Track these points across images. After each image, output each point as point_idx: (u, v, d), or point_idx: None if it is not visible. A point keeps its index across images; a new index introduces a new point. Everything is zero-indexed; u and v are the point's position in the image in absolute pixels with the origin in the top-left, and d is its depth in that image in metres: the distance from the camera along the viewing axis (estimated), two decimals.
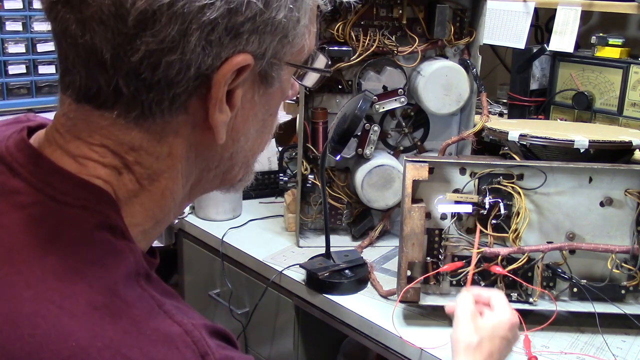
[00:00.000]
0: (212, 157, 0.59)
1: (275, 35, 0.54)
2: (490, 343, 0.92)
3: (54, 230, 0.50)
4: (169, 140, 0.55)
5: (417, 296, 1.13)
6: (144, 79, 0.50)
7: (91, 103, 0.53)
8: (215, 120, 0.54)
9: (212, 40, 0.50)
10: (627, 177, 1.13)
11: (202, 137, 0.56)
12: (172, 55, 0.50)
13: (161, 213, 0.58)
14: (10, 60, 1.98)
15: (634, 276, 1.13)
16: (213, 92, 0.53)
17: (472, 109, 1.48)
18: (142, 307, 0.50)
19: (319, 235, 1.51)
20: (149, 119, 0.53)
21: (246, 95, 0.56)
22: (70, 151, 0.54)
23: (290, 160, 1.76)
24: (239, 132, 0.59)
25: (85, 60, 0.51)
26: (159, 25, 0.48)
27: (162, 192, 0.57)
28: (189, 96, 0.53)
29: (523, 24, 1.75)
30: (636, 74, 1.52)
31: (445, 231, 1.16)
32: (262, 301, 1.42)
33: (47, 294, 0.47)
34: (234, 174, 0.63)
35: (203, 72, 0.51)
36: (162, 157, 0.55)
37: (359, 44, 1.39)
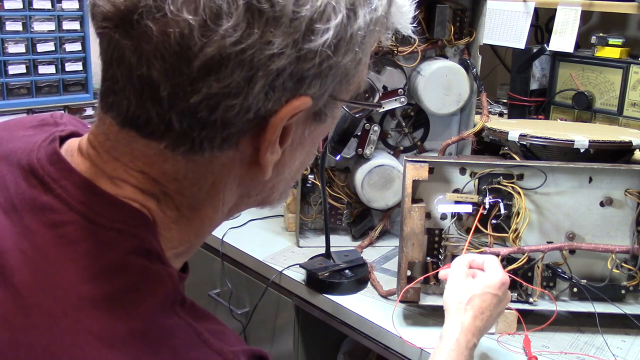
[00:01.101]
0: (255, 187, 0.58)
1: (337, 77, 0.52)
2: (481, 300, 0.94)
3: (89, 254, 0.48)
4: (214, 171, 0.53)
5: (417, 296, 1.13)
6: (200, 118, 0.48)
7: (138, 130, 0.50)
8: (265, 160, 0.52)
9: (275, 86, 0.49)
10: (627, 177, 1.13)
11: (249, 171, 0.54)
12: (234, 100, 0.48)
13: (197, 238, 0.57)
14: (10, 60, 1.98)
15: (634, 276, 1.13)
16: (268, 134, 0.51)
17: (472, 109, 1.48)
18: (181, 336, 0.49)
19: (319, 235, 1.50)
20: (197, 153, 0.51)
21: (297, 132, 0.55)
22: (107, 171, 0.52)
23: None
24: (285, 166, 0.57)
25: (138, 91, 0.48)
26: (225, 72, 0.46)
27: (202, 219, 0.55)
28: (242, 135, 0.51)
29: (523, 24, 1.75)
30: (636, 74, 1.52)
31: (445, 231, 1.16)
32: (262, 301, 1.42)
33: (85, 322, 0.46)
34: (273, 198, 0.62)
35: (261, 115, 0.50)
36: (205, 188, 0.53)
37: None
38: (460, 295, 0.95)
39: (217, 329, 0.52)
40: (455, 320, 0.93)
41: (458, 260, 1.01)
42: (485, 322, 0.94)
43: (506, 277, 0.98)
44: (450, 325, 0.93)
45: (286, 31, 0.46)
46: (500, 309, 0.98)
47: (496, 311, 0.96)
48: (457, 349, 0.90)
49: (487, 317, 0.94)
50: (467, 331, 0.92)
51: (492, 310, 0.95)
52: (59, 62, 2.06)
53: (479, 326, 0.93)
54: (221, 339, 0.51)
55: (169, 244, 0.54)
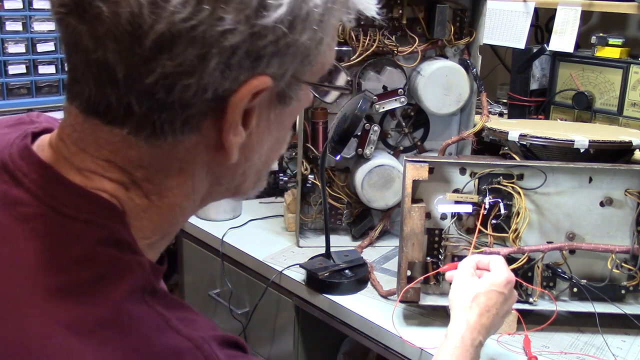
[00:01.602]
0: (224, 174, 0.58)
1: (297, 57, 0.52)
2: (486, 297, 0.94)
3: (58, 246, 0.49)
4: (179, 157, 0.53)
5: (417, 296, 1.13)
6: (158, 99, 0.49)
7: (100, 117, 0.51)
8: (229, 142, 0.52)
9: (231, 64, 0.48)
10: (627, 177, 1.13)
11: (214, 156, 0.54)
12: (189, 79, 0.48)
13: (169, 227, 0.57)
14: (10, 60, 1.98)
15: (634, 276, 1.13)
16: (229, 115, 0.51)
17: (472, 109, 1.48)
18: (149, 323, 0.49)
19: (319, 235, 1.50)
20: (160, 138, 0.51)
21: (261, 115, 0.54)
22: (75, 163, 0.52)
23: (290, 160, 1.76)
24: (253, 151, 0.57)
25: (96, 76, 0.49)
26: (178, 49, 0.46)
27: (172, 207, 0.55)
28: (202, 117, 0.51)
29: (523, 24, 1.75)
30: (636, 74, 1.52)
31: (445, 231, 1.16)
32: (262, 301, 1.42)
33: (53, 312, 0.46)
34: (246, 187, 0.62)
35: (220, 95, 0.50)
36: (172, 174, 0.54)
37: (359, 44, 1.39)
38: (465, 294, 0.95)
39: (188, 317, 0.53)
40: (460, 318, 0.93)
41: (464, 261, 1.01)
42: (491, 320, 0.94)
43: (512, 275, 0.98)
44: (455, 322, 0.93)
45: (237, 7, 0.47)
46: (507, 307, 0.97)
47: (503, 309, 0.96)
48: (462, 347, 0.90)
49: (493, 315, 0.94)
50: (473, 329, 0.91)
51: (499, 308, 0.95)
52: (59, 62, 2.06)
53: (485, 324, 0.93)
54: (191, 326, 0.51)
55: (141, 234, 0.54)
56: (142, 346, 0.48)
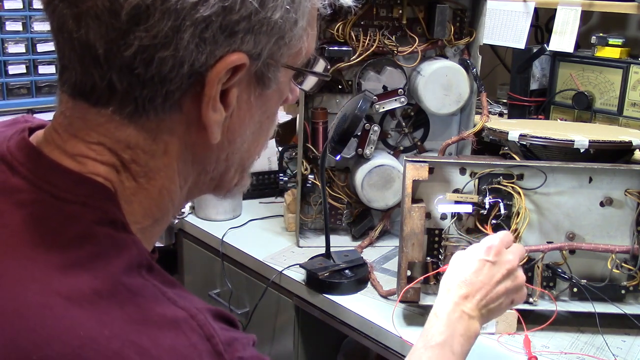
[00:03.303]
0: (209, 158, 0.59)
1: (272, 36, 0.54)
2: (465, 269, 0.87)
3: (56, 227, 0.51)
4: (164, 138, 0.55)
5: (417, 296, 1.13)
6: (138, 74, 0.51)
7: (87, 100, 0.53)
8: (208, 119, 0.54)
9: (206, 38, 0.51)
10: (627, 177, 1.13)
11: (197, 136, 0.56)
12: (165, 51, 0.50)
13: (159, 212, 0.58)
14: (10, 60, 1.98)
15: (634, 276, 1.13)
16: (206, 90, 0.53)
17: (472, 109, 1.48)
18: (147, 294, 0.51)
19: (319, 235, 1.51)
20: (142, 116, 0.53)
21: (242, 96, 0.56)
22: (68, 150, 0.54)
23: (290, 160, 1.76)
24: (235, 133, 0.59)
25: (80, 56, 0.51)
26: (152, 21, 0.49)
27: (160, 191, 0.57)
28: (182, 94, 0.53)
29: (523, 24, 1.75)
30: (636, 74, 1.52)
31: (445, 231, 1.16)
32: (262, 301, 1.42)
33: (53, 286, 0.48)
34: (230, 177, 0.63)
35: (197, 70, 0.52)
36: (157, 156, 0.55)
37: (359, 44, 1.39)
38: (446, 275, 0.90)
39: (183, 293, 0.54)
40: (439, 294, 0.88)
41: None
42: (478, 292, 0.85)
43: (494, 241, 0.89)
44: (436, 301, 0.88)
45: None
46: (499, 276, 0.87)
47: (491, 278, 0.86)
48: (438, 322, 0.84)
49: (477, 286, 0.85)
50: (449, 301, 0.85)
51: (484, 278, 0.86)
52: None
53: (469, 295, 0.85)
54: (186, 299, 0.54)
55: (132, 218, 0.56)
56: (140, 315, 0.49)
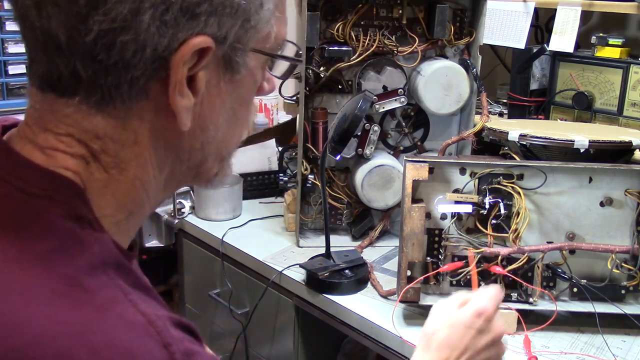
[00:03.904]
0: (182, 146, 0.58)
1: (237, 19, 0.54)
2: (449, 332, 0.82)
3: (21, 222, 0.51)
4: (133, 126, 0.54)
5: (417, 296, 1.13)
6: (101, 60, 0.50)
7: (54, 91, 0.53)
8: (176, 104, 0.53)
9: (167, 21, 0.50)
10: (627, 177, 1.13)
11: (167, 124, 0.55)
12: (126, 35, 0.49)
13: (133, 204, 0.58)
14: (10, 60, 1.98)
15: (634, 276, 1.13)
16: (172, 74, 0.52)
17: (472, 109, 1.48)
18: (106, 295, 0.50)
19: (319, 235, 1.51)
20: (109, 104, 0.53)
21: (211, 81, 0.56)
22: (39, 144, 0.54)
23: (290, 160, 1.76)
24: (207, 120, 0.58)
25: (44, 46, 0.51)
26: (110, 4, 0.48)
27: (132, 182, 0.56)
28: (148, 80, 0.52)
29: (523, 24, 1.75)
30: (636, 74, 1.52)
31: (445, 231, 1.16)
32: (262, 301, 1.42)
33: (8, 281, 0.48)
34: (208, 167, 0.62)
35: (160, 54, 0.51)
36: (128, 145, 0.55)
37: (359, 44, 1.39)
38: (426, 328, 0.84)
39: (148, 298, 0.54)
40: (418, 346, 0.84)
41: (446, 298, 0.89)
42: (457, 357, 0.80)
43: (487, 306, 0.83)
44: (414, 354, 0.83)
45: None
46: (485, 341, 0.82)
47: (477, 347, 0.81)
48: None
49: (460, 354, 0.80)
50: None
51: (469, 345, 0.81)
52: None
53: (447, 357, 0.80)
54: (150, 304, 0.53)
55: (105, 211, 0.55)
56: (95, 316, 0.49)
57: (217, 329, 1.66)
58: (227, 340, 1.60)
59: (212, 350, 1.00)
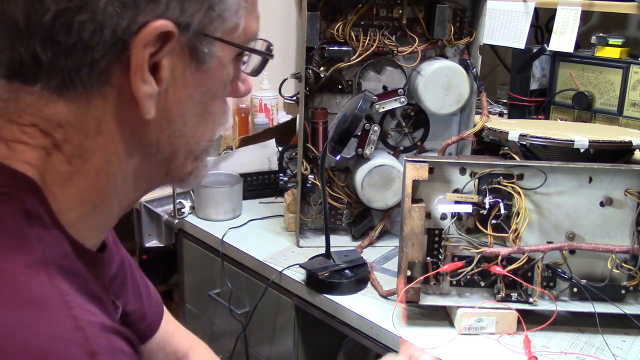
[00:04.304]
0: (148, 138, 0.57)
1: (200, 5, 0.53)
2: None
3: None
4: (96, 115, 0.54)
5: (417, 296, 1.13)
6: (60, 42, 0.50)
7: (19, 79, 0.52)
8: (138, 90, 0.53)
9: (125, 2, 0.50)
10: (627, 177, 1.13)
11: (131, 113, 0.54)
12: (83, 14, 0.49)
13: (98, 197, 0.57)
14: None
15: (634, 276, 1.13)
16: (132, 58, 0.51)
17: (472, 109, 1.48)
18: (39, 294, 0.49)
19: (319, 235, 1.51)
20: (70, 89, 0.52)
21: (176, 71, 0.55)
22: (4, 136, 0.54)
23: (290, 160, 1.76)
24: (173, 112, 0.57)
25: (5, 32, 0.51)
26: None
27: (96, 173, 0.55)
28: (109, 64, 0.52)
29: (523, 24, 1.75)
30: (636, 74, 1.52)
31: (445, 231, 1.16)
32: (262, 301, 1.42)
33: None
34: (179, 164, 0.61)
35: (120, 37, 0.51)
36: (91, 134, 0.54)
37: (359, 44, 1.39)
38: None
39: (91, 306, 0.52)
40: None
41: None
42: None
43: None
44: None
45: None
46: None
47: None
48: None
49: None
50: None
51: None
52: None
53: None
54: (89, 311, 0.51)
55: (67, 204, 0.55)
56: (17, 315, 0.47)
57: (217, 329, 1.66)
58: (227, 340, 1.60)
59: (212, 350, 1.00)
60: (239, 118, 2.18)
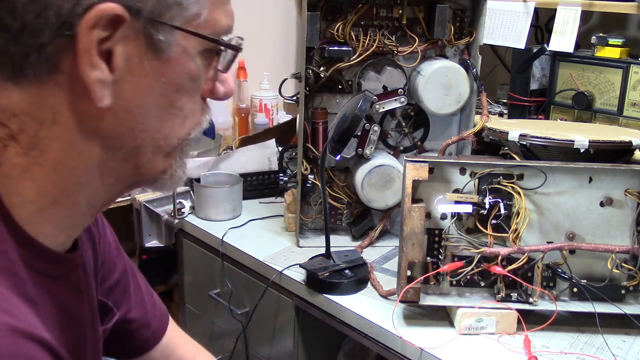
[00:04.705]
0: (107, 130, 0.55)
1: None
2: None
3: None
4: (50, 103, 0.52)
5: (417, 296, 1.13)
6: (8, 27, 0.49)
7: None
8: (87, 76, 0.51)
9: None
10: (627, 177, 1.13)
11: (87, 102, 0.53)
12: None
13: (57, 190, 0.55)
14: None
15: (634, 276, 1.13)
16: (79, 42, 0.50)
17: (472, 109, 1.48)
18: None
19: (319, 235, 1.51)
20: (21, 76, 0.51)
21: (132, 59, 0.53)
22: None
23: (290, 160, 1.76)
24: (132, 102, 0.55)
25: None
26: None
27: (54, 165, 0.54)
28: (58, 50, 0.50)
29: (523, 24, 1.75)
30: (636, 74, 1.52)
31: (445, 231, 1.16)
32: (262, 301, 1.42)
33: None
34: (147, 160, 0.59)
35: (66, 20, 0.49)
36: (47, 125, 0.53)
37: (359, 44, 1.39)
38: None
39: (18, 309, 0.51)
40: None
41: None
42: None
43: None
44: None
45: None
46: None
47: None
48: None
49: None
50: None
51: None
52: None
53: None
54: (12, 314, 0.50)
55: (25, 197, 0.54)
56: None
57: (217, 329, 1.66)
58: (227, 340, 1.60)
59: (212, 350, 1.00)
60: (239, 118, 2.18)
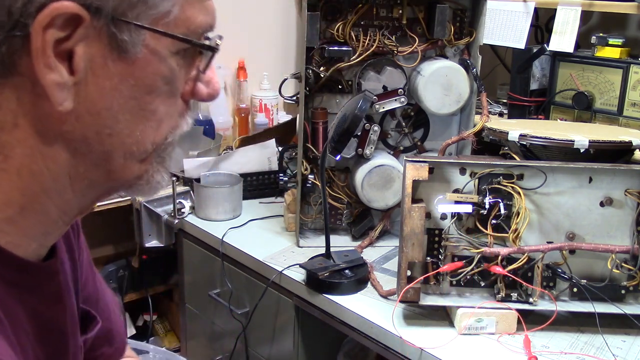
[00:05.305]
0: (71, 133, 0.53)
1: None
2: None
3: None
4: (10, 107, 0.51)
5: (417, 296, 1.13)
6: None
7: None
8: (44, 78, 0.49)
9: None
10: (627, 177, 1.13)
11: (47, 105, 0.50)
12: None
13: (24, 198, 0.54)
14: None
15: (634, 276, 1.13)
16: (32, 42, 0.48)
17: (472, 109, 1.48)
18: None
19: (319, 235, 1.51)
20: None
21: (95, 60, 0.51)
22: None
23: (290, 160, 1.76)
24: (96, 105, 0.52)
25: None
26: None
27: (18, 171, 0.52)
28: (13, 51, 0.49)
29: (523, 24, 1.75)
30: (636, 74, 1.52)
31: (445, 231, 1.16)
32: (262, 301, 1.42)
33: None
34: (119, 166, 0.56)
35: (17, 19, 0.47)
36: (7, 128, 0.51)
37: (359, 44, 1.39)
38: None
39: None
40: None
41: None
42: None
43: None
44: None
45: None
46: None
47: None
48: None
49: None
50: None
51: None
52: None
53: None
54: None
55: None
56: None
57: (217, 329, 1.66)
58: (227, 340, 1.60)
59: (212, 350, 1.00)
60: (239, 118, 2.18)
